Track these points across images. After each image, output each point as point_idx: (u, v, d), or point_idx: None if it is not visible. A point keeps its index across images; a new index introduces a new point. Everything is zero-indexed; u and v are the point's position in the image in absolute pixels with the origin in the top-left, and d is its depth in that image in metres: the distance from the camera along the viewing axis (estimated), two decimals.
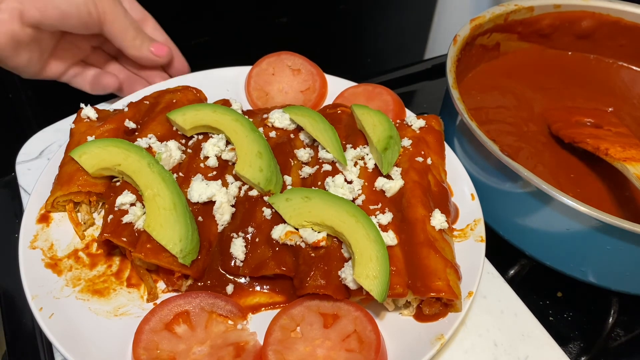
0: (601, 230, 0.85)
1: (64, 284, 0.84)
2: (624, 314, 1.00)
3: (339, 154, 0.93)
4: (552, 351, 0.85)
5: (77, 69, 1.09)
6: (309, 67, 1.15)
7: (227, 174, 0.94)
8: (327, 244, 0.83)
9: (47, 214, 0.90)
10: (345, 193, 0.89)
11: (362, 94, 1.11)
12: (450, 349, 0.84)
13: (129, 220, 0.84)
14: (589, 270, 0.93)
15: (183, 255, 0.80)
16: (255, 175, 0.89)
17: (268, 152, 0.92)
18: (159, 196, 0.83)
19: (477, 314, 0.88)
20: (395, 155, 0.95)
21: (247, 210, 0.89)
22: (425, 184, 0.92)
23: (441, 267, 0.81)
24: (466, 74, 1.26)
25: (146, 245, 0.80)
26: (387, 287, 0.76)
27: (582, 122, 1.15)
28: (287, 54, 1.15)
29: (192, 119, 0.97)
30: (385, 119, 0.99)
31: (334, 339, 0.76)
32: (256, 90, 1.13)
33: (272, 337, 0.76)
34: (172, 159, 0.93)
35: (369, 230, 0.80)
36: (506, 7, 1.24)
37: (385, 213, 0.88)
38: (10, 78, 1.36)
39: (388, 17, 1.87)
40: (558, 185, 0.90)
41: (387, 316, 0.83)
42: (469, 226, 0.92)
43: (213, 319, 0.79)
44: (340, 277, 0.79)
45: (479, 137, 0.95)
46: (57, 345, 0.75)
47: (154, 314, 0.78)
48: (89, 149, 0.89)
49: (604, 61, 1.35)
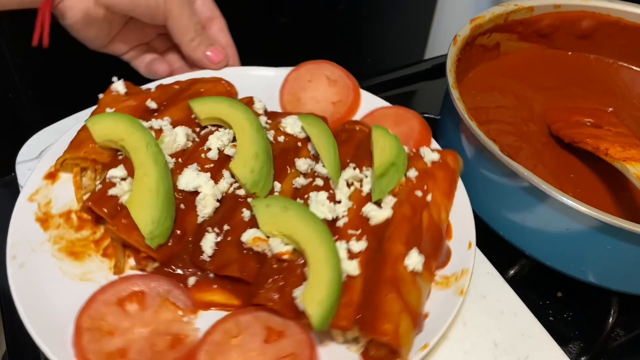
0: (601, 230, 0.85)
1: (46, 239, 0.86)
2: (624, 314, 1.00)
3: (333, 170, 0.91)
4: (552, 351, 0.85)
5: (139, 51, 1.16)
6: (345, 80, 1.13)
7: (225, 168, 0.94)
8: (290, 258, 0.81)
9: (56, 172, 0.94)
10: (325, 211, 0.86)
11: (391, 116, 1.08)
12: (450, 349, 0.84)
13: (114, 193, 0.86)
14: (589, 270, 0.93)
15: (150, 238, 0.82)
16: (245, 175, 0.89)
17: (265, 155, 0.92)
18: (146, 176, 0.86)
19: (477, 314, 0.88)
20: (392, 184, 0.90)
21: (228, 208, 0.89)
22: (416, 221, 0.87)
23: (396, 311, 0.76)
24: (466, 74, 1.26)
25: (122, 220, 0.83)
26: (330, 316, 0.73)
27: (582, 122, 1.15)
28: (328, 64, 1.14)
29: (208, 109, 0.98)
30: (396, 145, 0.95)
31: (269, 356, 0.74)
32: (290, 94, 1.13)
33: (211, 338, 0.76)
34: (176, 144, 0.95)
35: (330, 254, 0.77)
36: (506, 7, 1.24)
37: (360, 241, 0.84)
38: (10, 78, 1.36)
39: (388, 17, 1.87)
40: (558, 185, 0.90)
41: (334, 347, 0.79)
42: (454, 275, 0.86)
43: (165, 305, 0.80)
44: (294, 295, 0.77)
45: (479, 137, 0.95)
46: (13, 292, 0.78)
47: (112, 287, 0.80)
48: (102, 120, 0.93)
49: (604, 61, 1.35)
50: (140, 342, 0.76)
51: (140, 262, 0.85)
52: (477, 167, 1.01)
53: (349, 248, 0.83)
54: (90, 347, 0.74)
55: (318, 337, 0.78)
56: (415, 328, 0.78)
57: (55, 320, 0.77)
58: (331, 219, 0.87)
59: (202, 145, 0.96)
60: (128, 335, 0.77)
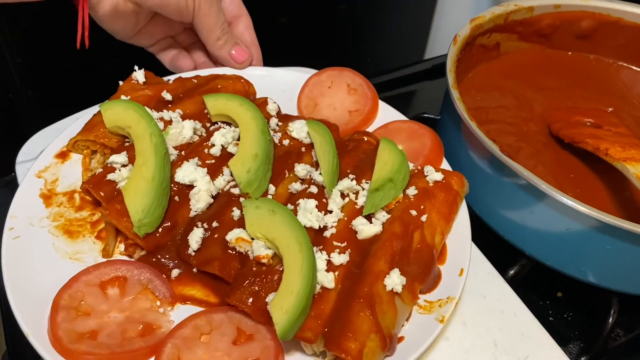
0: (601, 230, 0.85)
1: (45, 216, 0.90)
2: (624, 314, 1.00)
3: (328, 180, 0.89)
4: (552, 351, 0.85)
5: (164, 44, 1.18)
6: (365, 90, 1.11)
7: (225, 166, 0.94)
8: (270, 263, 0.80)
9: (67, 152, 0.98)
10: (312, 220, 0.84)
11: (405, 131, 1.05)
12: (451, 349, 0.84)
13: (113, 178, 0.89)
14: (589, 270, 0.93)
15: (138, 226, 0.83)
16: (241, 174, 0.89)
17: (264, 157, 0.92)
18: (145, 165, 0.87)
19: (477, 314, 0.88)
20: (387, 200, 0.88)
21: (220, 205, 0.89)
22: (405, 241, 0.84)
23: (365, 329, 0.73)
24: (466, 74, 1.26)
25: (115, 206, 0.85)
26: (295, 326, 0.72)
27: (582, 122, 1.15)
28: (350, 72, 1.13)
29: (219, 105, 0.99)
30: (400, 161, 0.92)
31: (234, 358, 0.74)
32: (308, 98, 1.12)
33: (180, 332, 0.76)
34: (181, 137, 0.96)
35: (305, 264, 0.76)
36: (506, 7, 1.24)
37: (343, 254, 0.81)
38: (10, 78, 1.36)
39: (388, 17, 1.87)
40: (558, 185, 0.90)
41: (302, 358, 0.78)
42: (439, 301, 0.83)
43: (144, 294, 0.82)
44: (267, 300, 0.76)
45: (479, 137, 0.95)
46: (2, 262, 0.81)
47: (96, 269, 0.82)
48: (114, 106, 0.95)
49: (604, 61, 1.35)
50: (112, 327, 0.78)
51: (128, 248, 0.87)
52: (477, 167, 1.01)
53: (330, 260, 0.81)
54: (63, 324, 0.76)
55: (287, 346, 0.77)
56: (384, 350, 0.74)
57: (38, 294, 0.79)
58: (318, 228, 0.85)
59: (207, 141, 0.97)
60: (103, 319, 0.78)
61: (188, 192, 0.90)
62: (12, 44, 1.31)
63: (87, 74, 1.42)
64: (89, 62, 1.38)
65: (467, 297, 0.90)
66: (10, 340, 0.91)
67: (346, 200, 0.90)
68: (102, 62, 1.35)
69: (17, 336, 0.77)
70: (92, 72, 1.41)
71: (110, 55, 1.21)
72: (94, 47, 1.11)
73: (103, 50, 1.34)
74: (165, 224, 0.87)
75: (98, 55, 1.17)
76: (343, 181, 0.91)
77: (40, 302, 0.78)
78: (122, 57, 1.28)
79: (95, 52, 1.17)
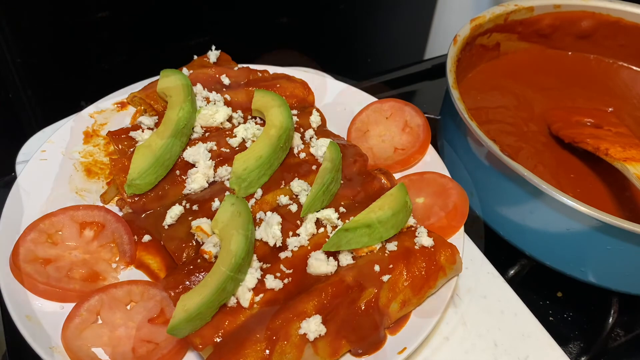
0: (601, 230, 0.86)
1: (79, 150, 1.00)
2: (624, 314, 1.00)
3: (307, 202, 0.86)
4: (552, 351, 0.86)
5: None
6: (419, 133, 1.06)
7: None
8: (210, 260, 0.81)
9: (125, 104, 1.08)
10: (268, 235, 0.83)
11: (436, 185, 0.98)
12: (451, 349, 0.84)
13: (134, 136, 0.96)
14: (589, 270, 0.93)
15: (129, 184, 0.89)
16: (237, 170, 0.91)
17: (267, 162, 0.91)
18: (161, 134, 0.93)
19: (477, 314, 0.88)
20: (354, 244, 0.81)
21: (210, 192, 0.91)
22: (349, 297, 0.77)
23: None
24: (466, 74, 1.26)
25: (123, 161, 0.91)
26: (189, 327, 0.72)
27: (582, 122, 1.15)
28: (413, 109, 1.09)
29: (261, 102, 1.02)
30: (400, 211, 0.85)
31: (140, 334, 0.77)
32: (362, 122, 1.10)
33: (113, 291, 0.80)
34: (212, 119, 1.00)
35: (229, 275, 0.75)
36: (506, 7, 1.24)
37: (279, 279, 0.79)
38: (10, 78, 1.36)
39: (388, 17, 1.87)
40: (558, 185, 0.90)
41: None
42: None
43: (110, 246, 0.87)
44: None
45: (479, 137, 0.95)
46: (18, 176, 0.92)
47: (86, 209, 0.88)
48: (170, 74, 1.02)
49: (604, 61, 1.35)
50: (65, 262, 0.82)
51: (120, 202, 0.93)
52: (477, 167, 1.01)
53: (263, 280, 0.79)
54: (28, 243, 0.82)
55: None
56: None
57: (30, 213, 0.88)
58: (274, 246, 0.83)
59: (232, 130, 1.00)
60: (64, 252, 0.83)
61: (187, 170, 0.93)
62: (12, 44, 1.31)
63: (87, 74, 1.42)
64: (89, 62, 1.38)
65: (467, 297, 0.90)
66: (11, 340, 0.91)
67: (320, 230, 0.86)
68: (102, 62, 1.35)
69: (17, 336, 0.77)
70: (92, 72, 1.41)
71: (110, 56, 1.21)
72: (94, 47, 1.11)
73: (103, 50, 1.34)
74: (156, 192, 0.91)
75: (98, 55, 1.17)
76: (326, 210, 0.87)
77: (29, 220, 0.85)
78: (122, 57, 1.28)
79: (95, 53, 1.17)
